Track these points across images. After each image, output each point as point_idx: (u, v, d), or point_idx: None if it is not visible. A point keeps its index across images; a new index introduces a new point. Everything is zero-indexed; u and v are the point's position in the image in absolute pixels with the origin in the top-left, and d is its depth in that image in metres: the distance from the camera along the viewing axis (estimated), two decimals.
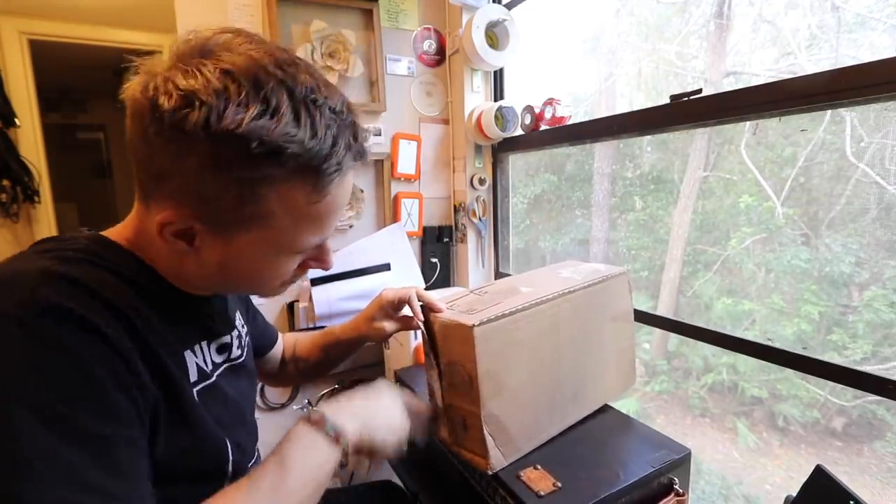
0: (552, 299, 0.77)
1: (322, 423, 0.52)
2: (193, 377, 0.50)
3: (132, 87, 0.41)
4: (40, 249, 0.44)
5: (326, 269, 0.54)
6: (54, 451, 0.34)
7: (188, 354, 0.51)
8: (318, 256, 0.53)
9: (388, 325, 0.77)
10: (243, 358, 0.63)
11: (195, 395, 0.49)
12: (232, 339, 0.61)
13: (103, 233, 0.49)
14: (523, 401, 0.76)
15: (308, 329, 1.31)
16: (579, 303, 0.82)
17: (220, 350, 0.58)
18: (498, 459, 0.72)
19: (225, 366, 0.58)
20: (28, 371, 0.34)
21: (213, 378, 0.54)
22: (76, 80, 3.60)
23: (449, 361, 0.72)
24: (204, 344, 0.54)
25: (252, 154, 0.39)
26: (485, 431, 0.70)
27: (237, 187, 0.41)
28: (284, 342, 0.86)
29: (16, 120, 2.25)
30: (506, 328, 0.71)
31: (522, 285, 0.84)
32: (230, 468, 0.53)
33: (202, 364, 0.53)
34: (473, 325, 0.66)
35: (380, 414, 0.59)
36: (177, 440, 0.45)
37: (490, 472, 0.71)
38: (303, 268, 0.53)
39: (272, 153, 0.40)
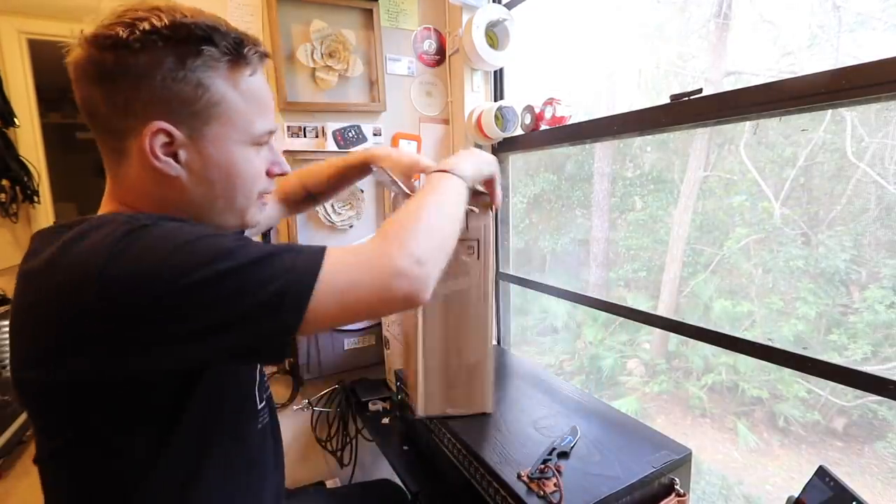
0: None
1: (452, 170, 0.65)
2: None
3: (74, 51, 0.48)
4: (87, 219, 0.49)
5: (285, 171, 0.61)
6: (253, 255, 0.45)
7: None
8: (275, 160, 0.59)
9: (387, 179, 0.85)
10: None
11: None
12: None
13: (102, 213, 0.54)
14: None
15: None
16: None
17: None
18: None
19: None
20: (183, 240, 0.43)
21: None
22: None
23: None
24: None
25: (195, 37, 0.47)
26: None
27: (191, 79, 0.48)
28: (285, 186, 0.90)
29: (15, 120, 2.25)
30: None
31: None
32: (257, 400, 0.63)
33: None
34: None
35: (481, 156, 0.73)
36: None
37: None
38: (269, 175, 0.59)
39: (207, 37, 0.48)
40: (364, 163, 0.86)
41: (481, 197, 0.81)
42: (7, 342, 0.47)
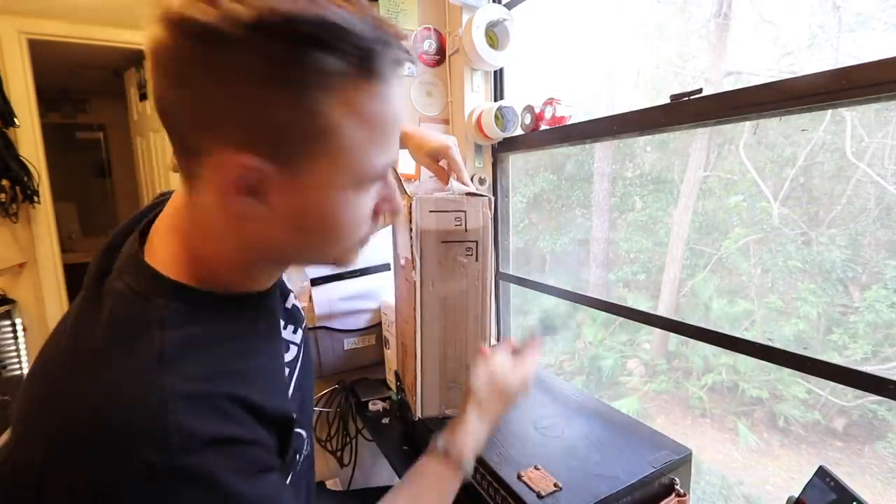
0: None
1: (458, 468, 0.58)
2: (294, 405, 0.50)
3: (151, 28, 0.34)
4: (124, 334, 0.38)
5: (397, 210, 0.47)
6: None
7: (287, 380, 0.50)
8: (387, 195, 0.45)
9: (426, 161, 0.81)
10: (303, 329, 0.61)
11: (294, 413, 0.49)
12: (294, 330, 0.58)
13: (161, 269, 0.41)
14: None
15: (309, 329, 1.31)
16: None
17: (293, 325, 0.57)
18: None
19: (301, 356, 0.57)
20: None
21: (294, 376, 0.54)
22: (76, 80, 3.59)
23: None
24: (284, 355, 0.52)
25: (314, 40, 0.32)
26: None
27: (293, 96, 0.34)
28: None
29: (15, 120, 2.25)
30: None
31: None
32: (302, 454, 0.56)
33: (291, 371, 0.53)
34: None
35: (500, 406, 0.65)
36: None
37: None
38: (375, 216, 0.45)
39: (321, 40, 0.33)
40: None
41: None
42: (7, 341, 0.46)
